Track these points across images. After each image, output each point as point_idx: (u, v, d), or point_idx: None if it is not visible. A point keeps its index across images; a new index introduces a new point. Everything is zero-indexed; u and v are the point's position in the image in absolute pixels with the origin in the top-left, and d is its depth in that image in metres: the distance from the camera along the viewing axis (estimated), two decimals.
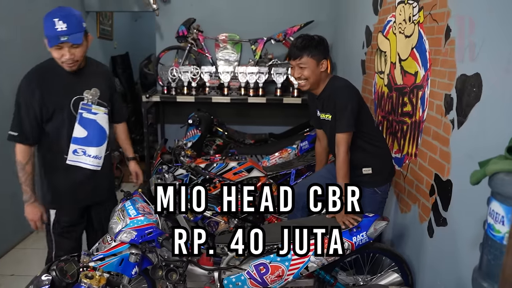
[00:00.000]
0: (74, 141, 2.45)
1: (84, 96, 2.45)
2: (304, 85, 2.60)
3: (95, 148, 2.52)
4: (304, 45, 2.52)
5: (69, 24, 2.24)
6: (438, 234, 2.29)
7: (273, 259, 2.36)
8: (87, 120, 2.47)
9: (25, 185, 2.42)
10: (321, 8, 5.04)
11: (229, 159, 3.72)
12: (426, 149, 2.45)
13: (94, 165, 2.53)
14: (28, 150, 2.41)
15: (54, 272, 1.79)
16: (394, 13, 2.98)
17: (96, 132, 2.51)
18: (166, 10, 5.14)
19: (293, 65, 2.60)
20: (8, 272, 3.53)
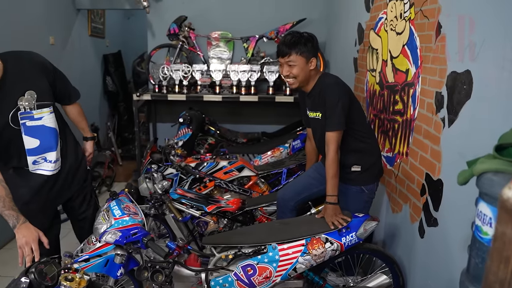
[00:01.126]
0: (30, 153, 2.26)
1: (20, 105, 2.16)
2: (293, 83, 2.56)
3: (54, 152, 2.35)
4: (293, 43, 2.47)
5: None
6: (429, 235, 2.25)
7: (260, 260, 2.32)
8: (34, 128, 2.23)
9: (6, 209, 2.08)
10: (314, 5, 5.00)
11: (219, 158, 3.68)
12: (417, 148, 2.41)
13: (54, 169, 2.37)
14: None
15: (33, 274, 1.74)
16: (386, 10, 2.94)
17: (48, 136, 2.30)
18: (157, 8, 5.08)
19: (281, 63, 2.55)
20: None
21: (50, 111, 2.30)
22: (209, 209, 3.01)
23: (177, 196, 3.02)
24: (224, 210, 3.07)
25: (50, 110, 2.30)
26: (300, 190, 2.86)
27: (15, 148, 2.24)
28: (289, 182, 3.09)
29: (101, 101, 6.58)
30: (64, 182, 2.47)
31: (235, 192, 3.49)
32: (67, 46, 5.19)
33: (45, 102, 2.28)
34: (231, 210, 3.10)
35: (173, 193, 3.04)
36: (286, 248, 2.32)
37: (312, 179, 2.84)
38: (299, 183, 2.91)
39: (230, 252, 2.41)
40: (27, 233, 2.07)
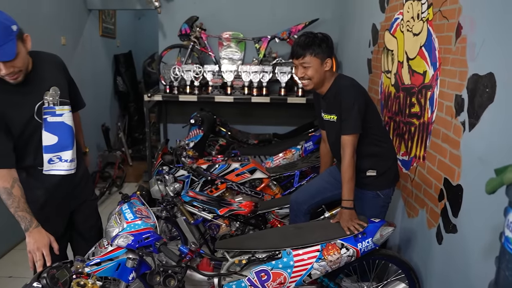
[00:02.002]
0: (46, 150, 2.22)
1: (44, 99, 2.18)
2: (307, 84, 2.51)
3: (70, 151, 2.31)
4: (307, 44, 2.42)
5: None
6: (448, 241, 2.19)
7: (274, 266, 2.28)
8: (54, 124, 2.23)
9: (20, 210, 2.05)
10: (326, 6, 4.95)
11: (231, 160, 3.65)
12: (435, 152, 2.36)
13: (69, 169, 2.33)
14: (8, 173, 2.09)
15: (45, 279, 1.72)
16: (402, 11, 2.89)
17: (66, 134, 2.28)
18: (168, 8, 5.06)
19: (296, 64, 2.51)
20: (6, 273, 3.48)
21: (69, 109, 2.30)
22: (221, 212, 2.98)
23: (189, 198, 2.99)
24: (236, 213, 3.04)
25: (69, 109, 2.30)
26: (314, 194, 2.81)
27: (33, 145, 2.21)
28: (302, 185, 3.04)
29: (111, 102, 6.58)
30: (78, 186, 2.44)
31: (247, 194, 3.45)
32: (79, 46, 5.19)
33: (66, 100, 2.29)
34: (244, 213, 3.06)
35: (185, 195, 3.01)
36: (300, 254, 2.28)
37: (326, 183, 2.79)
38: (313, 187, 2.86)
39: (243, 257, 2.37)
40: (39, 238, 2.04)
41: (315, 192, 2.82)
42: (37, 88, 2.18)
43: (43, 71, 2.21)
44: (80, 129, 2.66)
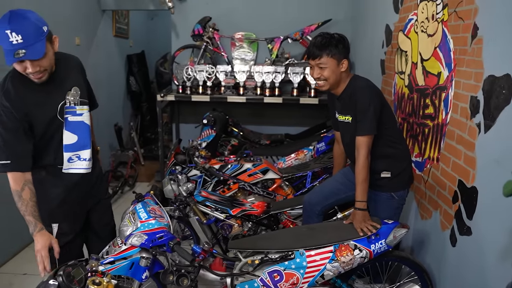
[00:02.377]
0: (67, 148, 2.26)
1: (66, 99, 2.23)
2: (323, 85, 2.51)
3: (89, 150, 2.35)
4: (324, 44, 2.42)
5: (25, 35, 1.92)
6: (462, 244, 2.18)
7: (287, 266, 2.28)
8: (75, 123, 2.27)
9: (27, 214, 2.09)
10: (339, 6, 4.94)
11: (244, 160, 3.66)
12: (449, 153, 2.34)
13: (88, 168, 2.36)
14: (22, 175, 2.11)
15: (61, 277, 1.74)
16: (416, 11, 2.87)
17: (85, 133, 2.32)
18: (181, 9, 5.09)
19: (312, 65, 2.50)
20: (21, 271, 3.52)
21: (88, 109, 2.35)
22: (234, 212, 2.99)
23: (202, 198, 3.00)
24: (249, 213, 3.04)
25: (88, 108, 2.35)
26: (328, 195, 2.81)
27: (54, 144, 2.25)
28: (316, 186, 3.04)
29: (124, 101, 6.63)
30: (94, 185, 2.48)
31: (259, 194, 3.46)
32: (92, 46, 5.24)
33: (85, 100, 2.33)
34: (256, 214, 3.06)
35: (198, 195, 3.02)
36: (314, 255, 2.27)
37: (340, 184, 2.79)
38: (327, 188, 2.86)
39: (256, 257, 2.37)
40: (40, 240, 2.07)
41: (329, 193, 2.82)
42: (60, 88, 2.22)
43: (65, 71, 2.25)
44: (92, 129, 2.66)
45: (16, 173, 2.10)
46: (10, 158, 2.08)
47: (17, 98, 2.08)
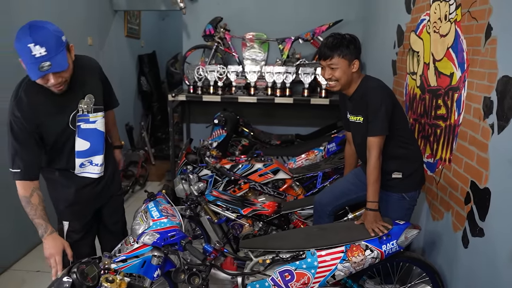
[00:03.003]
0: (79, 155, 2.30)
1: (79, 107, 2.24)
2: (334, 86, 2.51)
3: (101, 156, 2.39)
4: (335, 45, 2.42)
5: (48, 47, 1.89)
6: (474, 245, 2.17)
7: (298, 266, 2.28)
8: (87, 130, 2.29)
9: (36, 217, 2.12)
10: (350, 6, 4.93)
11: (254, 160, 3.66)
12: (462, 154, 2.33)
13: (99, 172, 2.41)
14: (30, 183, 2.13)
15: (75, 274, 1.75)
16: (429, 12, 2.86)
17: (98, 140, 2.35)
18: (193, 9, 5.11)
19: (323, 66, 2.50)
20: (33, 268, 3.56)
21: (102, 116, 2.35)
22: (245, 212, 2.99)
23: (213, 198, 3.02)
24: (259, 213, 3.05)
25: (102, 115, 2.35)
26: (339, 196, 2.81)
27: (66, 150, 2.27)
28: (327, 187, 3.03)
29: (135, 101, 6.67)
30: (105, 185, 2.51)
31: (270, 194, 3.46)
32: (104, 46, 5.28)
33: (100, 107, 2.33)
34: (267, 214, 3.07)
35: (209, 195, 3.04)
36: (325, 255, 2.27)
37: (351, 185, 2.78)
38: (338, 188, 2.86)
39: (267, 256, 2.38)
40: (52, 245, 2.11)
41: (340, 193, 2.82)
42: (73, 97, 2.22)
43: (80, 78, 2.22)
44: (114, 124, 2.73)
45: (25, 182, 2.12)
46: (21, 167, 2.10)
47: (29, 109, 2.07)
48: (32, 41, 1.86)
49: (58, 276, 1.81)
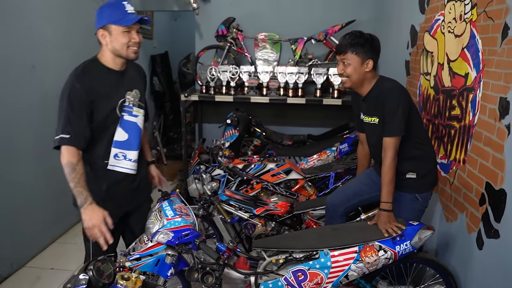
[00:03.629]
0: (116, 144, 2.36)
1: (126, 98, 2.37)
2: (345, 82, 2.51)
3: (135, 152, 2.44)
4: (351, 41, 2.41)
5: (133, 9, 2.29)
6: (489, 247, 2.15)
7: (312, 266, 2.29)
8: (129, 122, 2.39)
9: (80, 186, 2.17)
10: (363, 7, 4.91)
11: (267, 160, 3.67)
12: (477, 155, 2.32)
13: (133, 169, 2.45)
14: (77, 151, 2.21)
15: (91, 272, 1.77)
16: (443, 12, 2.84)
17: (136, 135, 2.43)
18: (205, 9, 5.13)
19: (338, 60, 2.51)
20: (48, 265, 3.60)
21: (143, 114, 2.49)
22: (258, 211, 3.00)
23: (226, 197, 3.03)
24: (272, 213, 3.06)
25: (143, 113, 2.49)
26: (351, 196, 2.81)
27: (107, 137, 2.35)
28: (339, 187, 3.02)
29: (148, 101, 6.68)
30: (136, 190, 2.54)
31: (282, 195, 3.47)
32: None
33: (142, 104, 2.48)
34: (280, 214, 3.07)
35: (222, 194, 3.05)
36: (338, 255, 2.28)
37: (364, 185, 2.78)
38: (350, 189, 2.86)
39: (280, 256, 2.39)
40: (92, 216, 2.15)
41: (352, 194, 2.82)
42: (124, 86, 2.38)
43: (132, 72, 2.46)
44: (146, 141, 2.79)
45: (72, 148, 2.20)
46: (71, 133, 2.18)
47: (88, 84, 2.23)
48: (126, 1, 2.25)
49: (74, 273, 1.83)
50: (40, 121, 3.68)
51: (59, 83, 2.30)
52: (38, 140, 3.67)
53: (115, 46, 2.25)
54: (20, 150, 3.46)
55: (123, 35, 2.22)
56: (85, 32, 4.39)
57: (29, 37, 3.53)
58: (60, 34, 3.95)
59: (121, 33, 2.22)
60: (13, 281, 3.37)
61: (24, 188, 3.54)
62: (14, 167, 3.41)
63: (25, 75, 3.50)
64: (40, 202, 3.76)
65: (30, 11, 3.53)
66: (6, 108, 3.28)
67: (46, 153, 3.76)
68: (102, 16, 2.24)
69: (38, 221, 3.75)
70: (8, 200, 3.37)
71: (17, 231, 3.48)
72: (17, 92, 3.41)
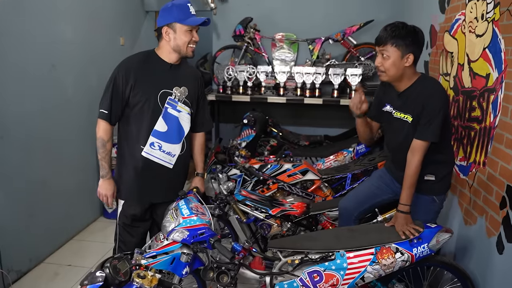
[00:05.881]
0: (154, 134, 2.51)
1: (173, 92, 2.53)
2: (382, 76, 2.40)
3: (171, 145, 2.56)
4: (392, 32, 2.29)
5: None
6: (510, 251, 2.11)
7: (327, 267, 2.27)
8: (171, 116, 2.53)
9: (104, 161, 2.53)
10: (381, 7, 4.86)
11: (283, 160, 3.66)
12: (497, 157, 2.28)
13: (166, 161, 2.57)
14: (110, 129, 2.51)
15: (108, 269, 1.79)
16: (464, 11, 2.80)
17: (175, 129, 2.56)
18: (223, 9, 5.14)
19: (377, 51, 2.40)
20: (65, 262, 3.65)
21: (188, 112, 2.61)
22: (274, 212, 2.99)
23: (242, 197, 3.02)
24: (288, 213, 3.04)
25: (189, 111, 2.61)
26: (363, 200, 2.76)
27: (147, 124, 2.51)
28: (350, 192, 2.94)
29: None
30: (169, 183, 2.65)
31: (298, 195, 3.45)
32: (135, 46, 5.35)
33: (189, 102, 2.60)
34: (296, 214, 3.06)
35: (238, 194, 3.05)
36: (354, 256, 2.25)
37: (376, 189, 2.73)
38: (362, 193, 2.80)
39: (296, 257, 2.37)
40: (105, 187, 2.59)
41: (364, 198, 2.77)
42: (172, 80, 2.55)
43: (185, 71, 2.63)
44: (202, 151, 2.85)
45: (107, 124, 2.49)
46: (109, 110, 2.46)
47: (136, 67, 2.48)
48: (189, 3, 2.45)
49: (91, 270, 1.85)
50: (58, 119, 3.72)
51: (79, 82, 2.37)
52: (57, 138, 3.72)
53: (178, 43, 2.45)
54: (38, 148, 3.50)
55: (186, 33, 2.44)
56: (104, 32, 4.45)
57: (49, 37, 3.57)
58: (80, 34, 3.99)
59: (184, 32, 2.43)
60: (32, 277, 3.42)
61: (43, 186, 3.58)
62: (32, 165, 3.45)
63: (45, 75, 3.54)
64: (58, 200, 3.81)
65: (50, 11, 3.57)
66: (26, 107, 3.33)
67: (64, 151, 3.83)
68: (169, 14, 2.43)
69: (56, 218, 3.79)
70: (27, 198, 3.42)
71: (35, 227, 3.52)
72: (37, 91, 3.45)
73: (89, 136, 4.21)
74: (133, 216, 2.62)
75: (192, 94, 2.61)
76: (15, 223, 3.29)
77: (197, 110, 2.70)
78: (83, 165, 4.17)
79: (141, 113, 2.49)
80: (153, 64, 2.51)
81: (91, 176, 4.29)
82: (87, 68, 4.09)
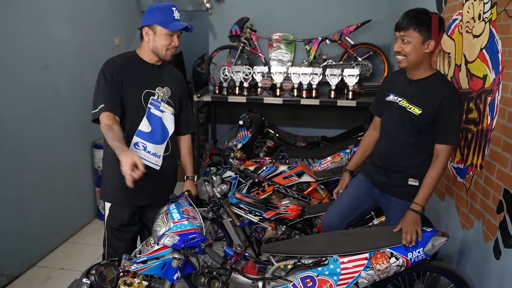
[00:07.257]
0: (138, 134, 2.47)
1: (155, 92, 2.49)
2: (401, 61, 2.33)
3: (155, 145, 2.52)
4: (414, 17, 2.24)
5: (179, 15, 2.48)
6: (507, 257, 2.07)
7: (321, 272, 2.22)
8: (154, 116, 2.50)
9: (116, 140, 2.23)
10: (378, 7, 4.81)
11: (279, 162, 3.62)
12: (495, 160, 2.23)
13: (152, 162, 2.52)
14: (113, 115, 2.34)
15: (93, 276, 1.75)
16: (461, 11, 2.76)
17: (159, 129, 2.52)
18: (219, 9, 5.10)
19: (396, 37, 2.34)
20: (58, 265, 3.60)
21: (171, 112, 2.57)
22: (268, 215, 2.95)
23: (236, 200, 2.98)
24: (283, 216, 3.00)
25: (172, 111, 2.57)
26: (346, 214, 2.68)
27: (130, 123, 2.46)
28: (331, 206, 2.77)
29: None
30: (157, 185, 2.57)
31: (294, 197, 3.41)
32: (131, 47, 5.31)
33: (173, 104, 2.57)
34: (290, 217, 3.02)
35: (232, 197, 3.01)
36: (348, 261, 2.21)
37: (357, 199, 2.66)
38: (344, 206, 2.71)
39: (289, 261, 2.33)
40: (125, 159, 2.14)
41: (347, 212, 2.69)
42: (155, 80, 2.51)
43: (167, 72, 2.60)
44: (190, 154, 2.84)
45: (108, 113, 2.34)
46: (105, 102, 2.35)
47: (120, 66, 2.42)
48: (174, 6, 2.44)
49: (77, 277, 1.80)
50: (51, 120, 3.68)
51: (73, 83, 2.32)
52: (50, 139, 3.68)
53: (157, 45, 2.43)
54: (31, 149, 3.46)
55: (165, 37, 2.40)
56: (99, 32, 4.40)
57: (42, 37, 3.53)
58: (74, 34, 3.95)
59: (164, 35, 2.40)
60: (23, 281, 3.37)
61: (35, 187, 3.54)
62: (25, 167, 3.41)
63: (38, 75, 3.50)
64: (51, 202, 3.77)
65: (42, 10, 3.53)
66: (18, 107, 3.29)
67: (57, 152, 3.78)
68: (152, 16, 2.40)
69: (49, 221, 3.75)
70: (19, 200, 3.38)
71: (28, 230, 3.48)
72: (29, 91, 3.41)
73: (83, 137, 4.18)
74: (121, 220, 2.55)
75: (174, 94, 2.59)
76: (6, 225, 3.25)
77: (180, 111, 2.67)
78: (77, 166, 4.13)
79: (124, 113, 2.44)
80: (136, 64, 2.49)
81: (85, 177, 4.25)
82: (81, 69, 4.05)
